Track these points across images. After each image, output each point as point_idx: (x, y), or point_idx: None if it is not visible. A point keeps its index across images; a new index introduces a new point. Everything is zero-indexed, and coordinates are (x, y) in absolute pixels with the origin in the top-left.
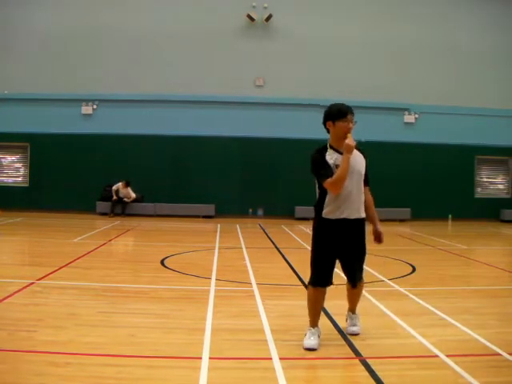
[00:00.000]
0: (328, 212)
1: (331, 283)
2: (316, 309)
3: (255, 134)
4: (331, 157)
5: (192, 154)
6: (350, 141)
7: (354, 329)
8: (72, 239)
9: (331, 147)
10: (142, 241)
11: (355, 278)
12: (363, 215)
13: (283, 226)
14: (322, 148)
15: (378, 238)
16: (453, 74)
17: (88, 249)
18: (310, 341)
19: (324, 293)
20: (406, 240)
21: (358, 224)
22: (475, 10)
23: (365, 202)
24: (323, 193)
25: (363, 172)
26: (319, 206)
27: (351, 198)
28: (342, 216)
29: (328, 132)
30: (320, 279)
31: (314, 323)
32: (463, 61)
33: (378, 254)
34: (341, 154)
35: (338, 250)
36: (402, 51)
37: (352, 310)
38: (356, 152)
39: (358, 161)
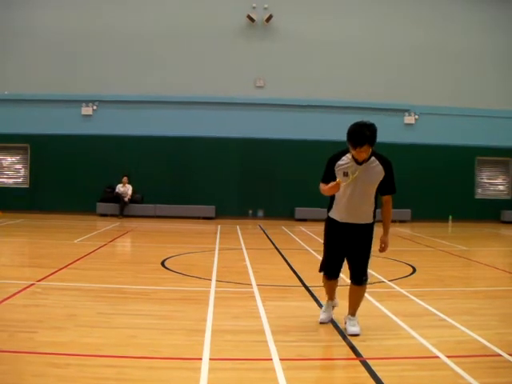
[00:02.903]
0: (332, 213)
1: (336, 275)
2: (328, 289)
3: (255, 135)
4: (345, 162)
5: (192, 154)
6: (332, 185)
7: (354, 329)
8: (72, 240)
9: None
10: (143, 242)
11: (354, 277)
12: (368, 221)
13: (283, 227)
14: (342, 151)
15: (381, 248)
16: (453, 75)
17: (88, 250)
18: (322, 315)
19: (334, 281)
20: (406, 241)
21: (361, 228)
22: (475, 10)
23: (382, 210)
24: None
25: (372, 185)
26: (329, 205)
27: (352, 207)
28: (343, 221)
29: None
30: (325, 268)
31: (328, 298)
32: (463, 61)
33: (379, 255)
34: (357, 163)
35: (342, 247)
36: (402, 52)
37: (352, 313)
38: (373, 164)
39: (368, 174)
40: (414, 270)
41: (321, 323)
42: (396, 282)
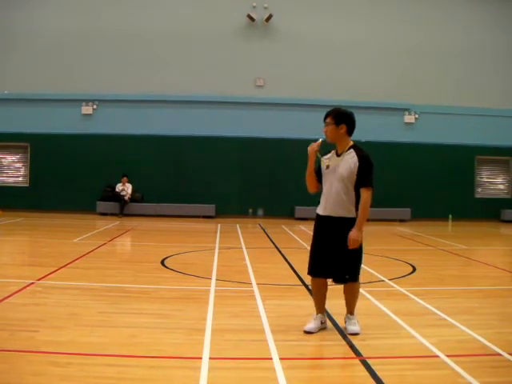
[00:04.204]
0: (318, 208)
1: (323, 275)
2: (316, 297)
3: (255, 134)
4: (328, 157)
5: (192, 154)
6: (310, 147)
7: (354, 328)
8: (72, 239)
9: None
10: (142, 241)
11: (338, 275)
12: (350, 215)
13: (283, 226)
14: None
15: (348, 242)
16: (453, 74)
17: (88, 249)
18: (309, 324)
19: (320, 283)
20: (406, 240)
21: (343, 222)
22: (475, 10)
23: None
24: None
25: (347, 174)
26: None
27: (331, 198)
28: (325, 213)
29: None
30: (310, 268)
31: (317, 310)
32: (463, 61)
33: (378, 254)
34: (336, 155)
35: (326, 243)
36: (402, 51)
37: (349, 311)
38: (349, 154)
39: (343, 163)
40: (414, 269)
41: (306, 332)
42: (396, 281)
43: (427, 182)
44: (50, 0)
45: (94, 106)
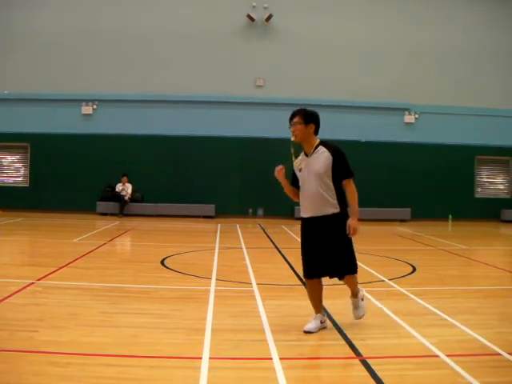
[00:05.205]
0: (300, 211)
1: (320, 275)
2: (312, 298)
3: (255, 134)
4: (299, 160)
5: (192, 154)
6: (276, 174)
7: (356, 312)
8: (72, 239)
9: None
10: (142, 241)
11: (337, 272)
12: (333, 211)
13: (283, 226)
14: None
15: (348, 231)
16: (453, 74)
17: (88, 249)
18: (309, 324)
19: (315, 284)
20: (406, 240)
21: (328, 220)
22: (476, 10)
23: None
24: None
25: (324, 170)
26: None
27: (311, 198)
28: (308, 215)
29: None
30: (305, 270)
31: (315, 310)
32: (463, 60)
33: (378, 254)
34: (306, 156)
35: (316, 244)
36: (402, 51)
37: (352, 293)
38: (319, 151)
39: (316, 161)
40: (414, 269)
41: (305, 332)
42: (396, 281)
43: (427, 182)
44: (50, 0)
45: (94, 106)
